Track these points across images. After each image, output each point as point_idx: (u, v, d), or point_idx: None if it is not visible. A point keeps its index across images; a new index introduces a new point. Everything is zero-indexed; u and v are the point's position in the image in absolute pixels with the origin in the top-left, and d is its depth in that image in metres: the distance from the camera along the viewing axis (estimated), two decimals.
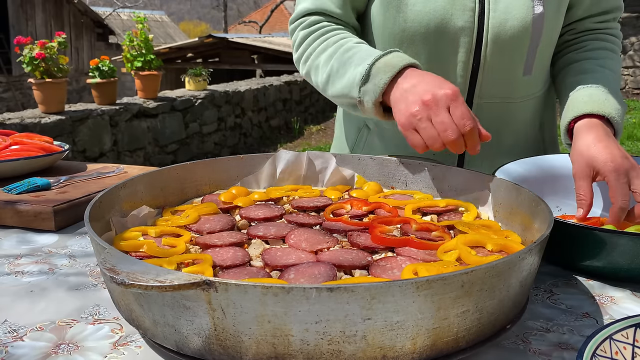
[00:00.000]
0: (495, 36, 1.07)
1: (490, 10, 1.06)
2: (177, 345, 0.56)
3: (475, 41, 1.08)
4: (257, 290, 0.49)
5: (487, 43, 1.08)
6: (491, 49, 1.08)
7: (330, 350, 0.51)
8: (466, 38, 1.08)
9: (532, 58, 1.12)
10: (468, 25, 1.07)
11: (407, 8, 1.08)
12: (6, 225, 1.02)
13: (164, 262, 0.66)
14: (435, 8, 1.06)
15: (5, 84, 12.62)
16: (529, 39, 1.09)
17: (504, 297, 0.57)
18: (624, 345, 0.52)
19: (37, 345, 0.63)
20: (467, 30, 1.07)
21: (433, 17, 1.06)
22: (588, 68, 1.12)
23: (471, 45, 1.08)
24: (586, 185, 0.92)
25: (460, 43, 1.08)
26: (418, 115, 0.87)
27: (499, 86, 1.14)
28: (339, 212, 0.86)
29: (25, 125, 4.88)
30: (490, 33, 1.07)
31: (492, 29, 1.07)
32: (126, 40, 5.98)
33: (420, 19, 1.07)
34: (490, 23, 1.07)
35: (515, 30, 1.07)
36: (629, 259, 0.74)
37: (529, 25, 1.07)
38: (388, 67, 0.94)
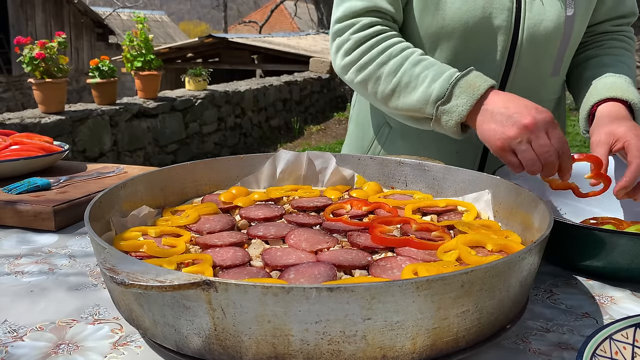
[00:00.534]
0: (530, 36, 1.09)
1: (527, 11, 1.08)
2: (177, 345, 0.56)
3: (511, 40, 1.10)
4: (257, 290, 0.49)
5: (522, 42, 1.10)
6: (525, 49, 1.11)
7: (330, 350, 0.51)
8: (502, 37, 1.09)
9: (561, 59, 1.15)
10: (505, 24, 1.08)
11: (447, 6, 1.08)
12: (6, 225, 1.02)
13: (164, 262, 0.66)
14: (474, 6, 1.07)
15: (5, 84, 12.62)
16: (560, 40, 1.12)
17: (503, 297, 0.57)
18: (623, 345, 0.52)
19: (37, 345, 0.63)
20: (503, 29, 1.09)
21: (472, 16, 1.08)
22: (608, 62, 1.15)
23: (507, 44, 1.10)
24: (604, 151, 0.96)
25: (497, 42, 1.10)
26: (518, 139, 0.89)
27: (528, 86, 1.16)
28: (339, 212, 0.86)
29: (25, 125, 4.88)
30: (526, 33, 1.09)
31: (527, 29, 1.09)
32: (126, 40, 5.98)
33: (459, 17, 1.08)
34: (526, 23, 1.09)
35: (548, 30, 1.10)
36: (629, 259, 0.74)
37: (562, 26, 1.10)
38: (471, 89, 0.96)
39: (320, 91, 10.07)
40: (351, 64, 1.11)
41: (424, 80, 1.01)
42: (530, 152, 0.89)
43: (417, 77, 1.02)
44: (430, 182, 0.95)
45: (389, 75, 1.05)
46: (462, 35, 1.09)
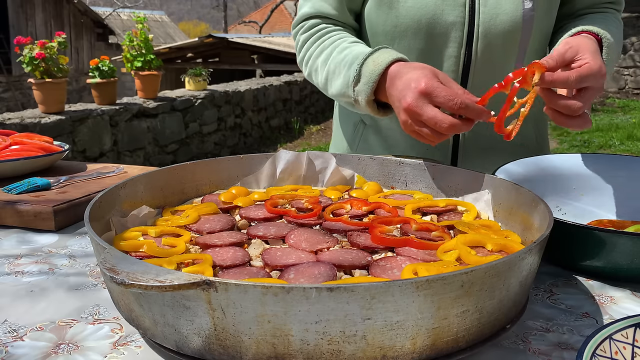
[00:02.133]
0: (486, 31, 1.09)
1: (481, 5, 1.08)
2: (177, 345, 0.56)
3: (467, 36, 1.09)
4: (257, 290, 0.50)
5: (478, 38, 1.09)
6: (482, 44, 1.10)
7: (330, 350, 0.51)
8: (457, 33, 1.09)
9: (524, 52, 1.13)
10: (459, 20, 1.08)
11: (399, 4, 1.10)
12: (6, 225, 1.02)
13: (164, 262, 0.66)
14: (426, 3, 1.08)
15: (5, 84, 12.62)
16: (520, 33, 1.10)
17: (503, 297, 0.57)
18: (623, 345, 0.52)
19: (37, 345, 0.63)
20: (458, 25, 1.09)
21: (425, 13, 1.08)
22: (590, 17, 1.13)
23: (462, 40, 1.10)
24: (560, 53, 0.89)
25: (451, 38, 1.10)
26: (407, 121, 0.89)
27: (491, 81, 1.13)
28: (339, 212, 0.86)
29: (25, 125, 4.88)
30: (481, 28, 1.09)
31: (482, 24, 1.08)
32: (126, 40, 5.98)
33: (412, 15, 1.09)
34: (481, 18, 1.08)
35: (505, 24, 1.09)
36: (629, 259, 0.74)
37: (519, 19, 1.09)
38: (376, 66, 0.96)
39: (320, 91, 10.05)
40: (301, 62, 1.20)
41: (345, 64, 1.03)
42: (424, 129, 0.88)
43: (341, 63, 1.05)
44: (430, 182, 0.95)
45: (322, 65, 1.11)
46: (416, 32, 1.10)
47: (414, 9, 1.09)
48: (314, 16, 1.17)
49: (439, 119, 0.85)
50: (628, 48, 10.99)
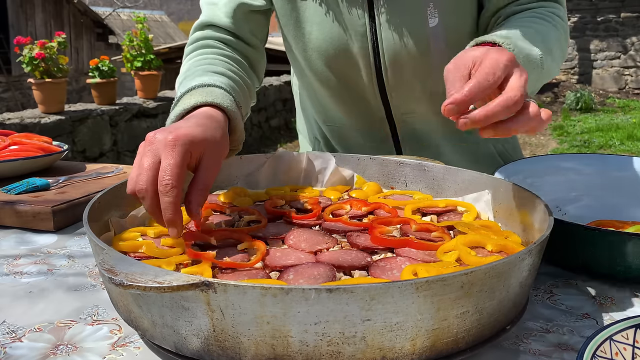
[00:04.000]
0: (392, 57, 1.06)
1: (382, 32, 1.04)
2: (176, 346, 0.56)
3: (374, 64, 1.07)
4: (256, 291, 0.49)
5: (385, 66, 1.07)
6: (392, 69, 1.07)
7: (329, 351, 0.51)
8: (364, 61, 1.07)
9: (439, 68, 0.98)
10: (362, 50, 1.06)
11: (305, 37, 1.08)
12: (5, 225, 1.02)
13: (163, 263, 0.66)
14: (330, 35, 1.06)
15: (4, 84, 12.62)
16: (429, 51, 1.05)
17: (503, 297, 0.57)
18: (624, 346, 0.52)
19: (36, 346, 0.63)
20: (362, 55, 1.06)
21: (330, 44, 1.07)
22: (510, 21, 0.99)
23: (370, 68, 1.07)
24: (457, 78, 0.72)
25: (360, 66, 1.08)
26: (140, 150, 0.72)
27: (414, 102, 1.12)
28: (338, 212, 0.86)
29: (25, 125, 4.88)
30: (387, 55, 1.05)
31: (387, 51, 1.05)
32: (126, 40, 5.98)
33: (318, 46, 1.07)
34: (384, 44, 1.05)
35: (411, 48, 1.04)
36: (629, 260, 0.74)
37: (426, 38, 1.04)
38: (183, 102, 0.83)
39: None
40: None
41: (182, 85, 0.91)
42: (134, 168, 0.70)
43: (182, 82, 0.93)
44: (430, 183, 0.95)
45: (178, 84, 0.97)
46: (325, 61, 1.09)
47: (320, 40, 1.07)
48: (206, 25, 1.10)
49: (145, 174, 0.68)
50: (628, 48, 10.99)
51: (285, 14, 1.09)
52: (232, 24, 1.09)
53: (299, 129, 1.41)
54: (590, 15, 11.09)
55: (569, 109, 9.65)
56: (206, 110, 0.80)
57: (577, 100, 9.69)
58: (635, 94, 11.02)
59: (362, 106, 1.15)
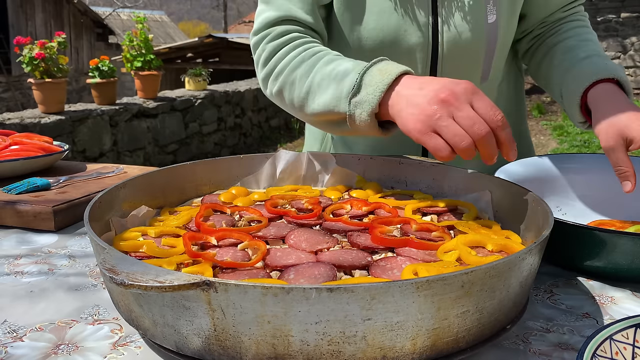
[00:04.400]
0: (450, 50, 1.07)
1: (444, 25, 1.05)
2: (177, 345, 0.56)
3: (431, 56, 1.07)
4: (257, 291, 0.49)
5: (442, 57, 1.07)
6: (447, 63, 1.08)
7: (330, 350, 0.51)
8: (421, 54, 1.07)
9: (489, 65, 1.11)
10: (422, 41, 1.06)
11: (361, 26, 1.07)
12: (6, 225, 1.02)
13: (164, 263, 0.66)
14: (388, 25, 1.05)
15: (5, 84, 12.62)
16: (485, 48, 1.08)
17: (504, 297, 0.57)
18: (624, 346, 0.52)
19: (37, 346, 0.63)
20: (420, 46, 1.07)
21: (387, 34, 1.06)
22: (574, 44, 1.10)
23: (426, 61, 1.08)
24: (624, 156, 0.88)
25: (416, 59, 1.08)
26: (437, 114, 0.75)
27: None
28: (339, 212, 0.86)
29: (25, 125, 4.89)
30: (445, 47, 1.07)
31: (446, 44, 1.06)
32: (126, 40, 5.98)
33: (374, 36, 1.07)
34: (444, 37, 1.06)
35: (469, 42, 1.06)
36: (629, 259, 0.74)
37: (483, 35, 1.07)
38: (382, 75, 0.85)
39: None
40: (268, 75, 1.04)
41: (336, 76, 0.92)
42: (454, 126, 0.74)
43: (330, 75, 0.93)
44: (430, 182, 0.95)
45: (302, 77, 0.98)
46: (380, 53, 1.06)
47: (376, 30, 1.06)
48: (284, 20, 1.05)
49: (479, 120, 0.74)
50: (628, 48, 10.99)
51: (344, 3, 1.08)
52: (312, 19, 1.06)
53: (308, 128, 1.40)
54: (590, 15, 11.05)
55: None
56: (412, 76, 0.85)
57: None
58: (635, 94, 11.03)
59: None
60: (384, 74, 0.85)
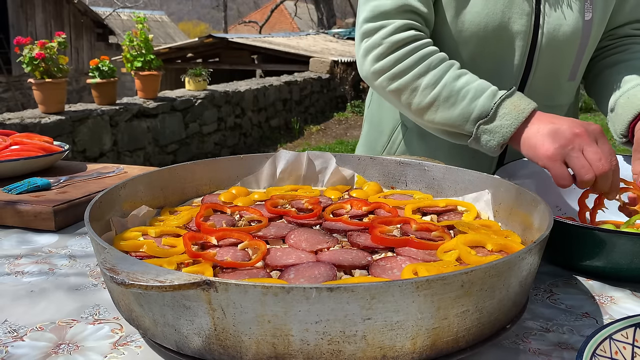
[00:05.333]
0: (549, 40, 1.09)
1: (546, 15, 1.08)
2: (177, 345, 0.56)
3: (530, 45, 1.10)
4: (257, 290, 0.50)
5: (540, 47, 1.10)
6: (544, 53, 1.10)
7: (330, 350, 0.51)
8: (521, 42, 1.09)
9: (578, 63, 1.15)
10: (524, 29, 1.08)
11: (466, 9, 1.08)
12: (6, 225, 1.02)
13: (164, 262, 0.66)
14: (494, 10, 1.07)
15: (5, 84, 12.62)
16: (578, 44, 1.11)
17: (503, 297, 0.57)
18: (623, 345, 0.52)
19: (37, 345, 0.63)
20: (522, 34, 1.08)
21: (491, 20, 1.07)
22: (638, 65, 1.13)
23: (525, 49, 1.10)
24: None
25: (515, 46, 1.09)
26: (569, 146, 0.88)
27: (546, 91, 1.16)
28: (339, 212, 0.86)
29: (25, 126, 4.89)
30: (545, 37, 1.09)
31: (547, 34, 1.09)
32: (126, 40, 5.98)
33: (478, 21, 1.07)
34: (545, 28, 1.08)
35: (567, 35, 1.09)
36: (629, 259, 0.75)
37: (580, 31, 1.10)
38: (517, 111, 0.96)
39: (320, 91, 10.07)
40: (384, 71, 1.05)
41: (464, 96, 0.99)
42: (582, 158, 0.87)
43: (458, 93, 1.00)
44: (430, 182, 0.95)
45: (427, 87, 1.02)
46: (481, 39, 1.09)
47: (481, 15, 1.07)
48: (402, 11, 1.05)
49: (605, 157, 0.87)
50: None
51: None
52: (427, 9, 1.08)
53: (369, 118, 1.38)
54: None
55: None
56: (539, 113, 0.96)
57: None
58: None
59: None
60: (519, 109, 0.96)
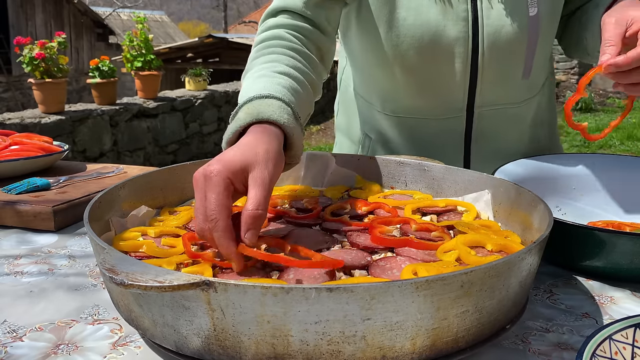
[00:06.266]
0: (491, 44, 1.06)
1: (484, 18, 1.04)
2: (177, 345, 0.56)
3: (471, 50, 1.06)
4: (257, 291, 0.49)
5: (483, 52, 1.06)
6: (488, 57, 1.07)
7: (329, 350, 0.51)
8: (461, 48, 1.06)
9: (531, 60, 1.10)
10: (462, 35, 1.05)
11: (399, 23, 1.06)
12: (6, 225, 1.02)
13: (164, 263, 0.66)
14: (427, 20, 1.05)
15: (5, 84, 12.62)
16: (526, 42, 1.07)
17: (503, 297, 0.57)
18: (623, 346, 0.52)
19: (37, 346, 0.63)
20: (461, 41, 1.05)
21: (426, 30, 1.05)
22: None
23: (467, 55, 1.07)
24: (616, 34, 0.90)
25: (455, 54, 1.07)
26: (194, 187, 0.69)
27: (499, 93, 1.13)
28: (338, 212, 0.86)
29: (25, 125, 4.89)
30: (486, 41, 1.05)
31: (487, 37, 1.05)
32: (126, 40, 5.98)
33: (412, 33, 1.06)
34: (485, 31, 1.05)
35: (510, 35, 1.05)
36: (629, 259, 0.74)
37: (525, 28, 1.05)
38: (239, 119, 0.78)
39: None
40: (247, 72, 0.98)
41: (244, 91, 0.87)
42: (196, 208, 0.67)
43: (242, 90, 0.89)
44: (430, 182, 0.95)
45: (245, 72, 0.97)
46: (418, 50, 1.07)
47: (415, 26, 1.05)
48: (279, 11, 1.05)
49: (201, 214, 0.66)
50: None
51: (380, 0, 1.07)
52: (307, 9, 1.05)
53: (339, 127, 1.38)
54: None
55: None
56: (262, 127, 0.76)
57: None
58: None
59: (445, 94, 1.13)
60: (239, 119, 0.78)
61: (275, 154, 0.71)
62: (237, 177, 0.68)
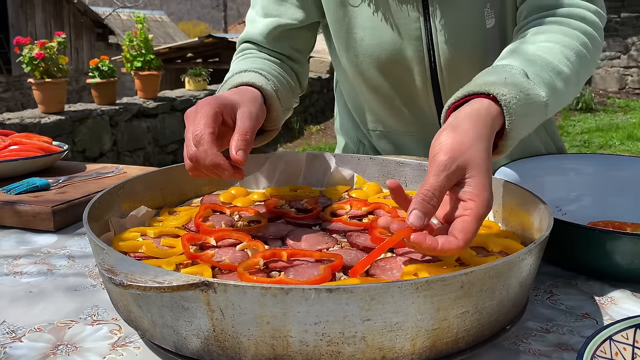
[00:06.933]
0: (449, 60, 1.04)
1: (439, 35, 1.02)
2: (176, 346, 0.56)
3: (430, 68, 1.05)
4: (256, 291, 0.49)
5: (441, 68, 1.05)
6: (447, 73, 1.05)
7: (329, 351, 0.51)
8: (418, 67, 1.05)
9: None
10: (417, 54, 1.04)
11: (357, 43, 1.06)
12: (5, 225, 1.02)
13: (163, 263, 0.66)
14: (384, 40, 1.04)
15: (5, 84, 12.62)
16: (486, 54, 1.03)
17: (503, 297, 0.57)
18: (623, 346, 0.52)
19: (36, 346, 0.63)
20: (417, 59, 1.05)
21: (383, 50, 1.05)
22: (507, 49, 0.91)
23: (425, 72, 1.06)
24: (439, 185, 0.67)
25: (414, 71, 1.06)
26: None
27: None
28: (338, 212, 0.86)
29: (25, 125, 4.88)
30: (442, 58, 1.03)
31: (442, 54, 1.03)
32: (126, 40, 5.98)
33: (370, 52, 1.06)
34: (440, 48, 1.03)
35: (467, 50, 1.03)
36: (629, 259, 0.74)
37: (483, 40, 1.02)
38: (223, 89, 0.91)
39: (320, 91, 10.06)
40: None
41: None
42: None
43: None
44: None
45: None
46: (379, 68, 1.07)
47: (372, 46, 1.05)
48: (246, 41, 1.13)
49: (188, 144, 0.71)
50: (629, 48, 10.98)
51: (336, 21, 1.07)
52: (267, 43, 1.09)
53: (339, 130, 1.39)
54: None
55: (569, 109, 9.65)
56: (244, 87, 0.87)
57: (577, 100, 9.68)
58: (635, 94, 11.02)
59: (414, 111, 1.14)
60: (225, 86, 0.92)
61: (258, 101, 0.83)
62: (227, 110, 0.76)
